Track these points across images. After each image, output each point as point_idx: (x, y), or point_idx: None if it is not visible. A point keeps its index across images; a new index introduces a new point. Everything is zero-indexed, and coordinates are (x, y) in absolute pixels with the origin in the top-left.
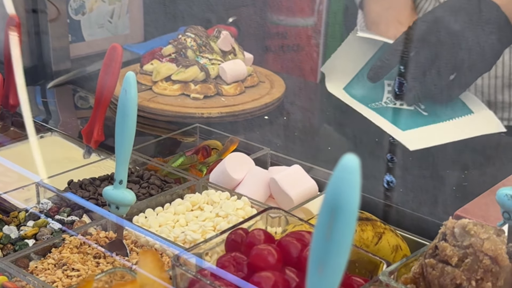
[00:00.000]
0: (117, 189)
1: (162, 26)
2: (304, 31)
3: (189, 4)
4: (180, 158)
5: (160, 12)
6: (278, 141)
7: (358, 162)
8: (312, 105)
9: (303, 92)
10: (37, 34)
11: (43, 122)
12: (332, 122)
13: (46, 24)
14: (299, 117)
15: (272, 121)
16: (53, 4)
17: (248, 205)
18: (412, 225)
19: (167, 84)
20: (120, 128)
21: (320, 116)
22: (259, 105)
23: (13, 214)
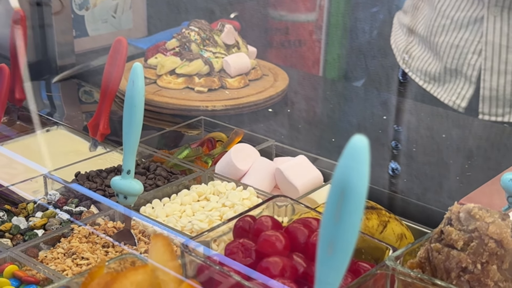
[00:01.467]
0: (125, 179)
1: (166, 18)
2: (306, 26)
3: (191, 5)
4: (186, 150)
5: (163, 4)
6: (283, 132)
7: (367, 142)
8: (316, 97)
9: (307, 84)
10: (41, 28)
11: (48, 115)
12: (336, 113)
13: (50, 18)
14: (303, 109)
15: (276, 114)
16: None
17: (254, 195)
18: (416, 214)
19: (172, 77)
20: (128, 118)
21: (323, 108)
22: (263, 97)
23: (21, 205)
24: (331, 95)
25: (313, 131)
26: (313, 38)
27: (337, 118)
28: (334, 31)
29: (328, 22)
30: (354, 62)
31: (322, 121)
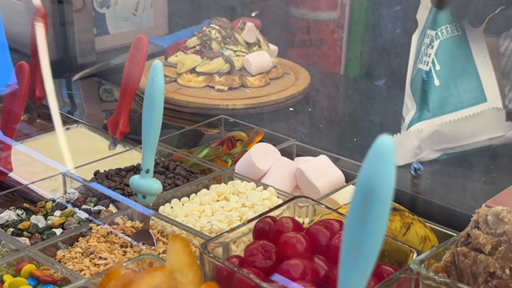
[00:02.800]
0: (144, 178)
1: (187, 15)
2: (327, 25)
3: (213, 3)
4: (205, 149)
5: (184, 1)
6: (304, 132)
7: (393, 143)
8: (337, 96)
9: (328, 83)
10: (62, 26)
11: (68, 114)
12: (358, 111)
13: (71, 16)
14: (324, 108)
15: (298, 113)
16: None
17: (274, 195)
18: (440, 215)
19: (192, 76)
20: (147, 117)
21: (345, 106)
22: (284, 96)
23: (40, 204)
24: (353, 94)
25: (335, 131)
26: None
27: (359, 117)
28: (356, 28)
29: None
30: (377, 59)
31: (344, 120)
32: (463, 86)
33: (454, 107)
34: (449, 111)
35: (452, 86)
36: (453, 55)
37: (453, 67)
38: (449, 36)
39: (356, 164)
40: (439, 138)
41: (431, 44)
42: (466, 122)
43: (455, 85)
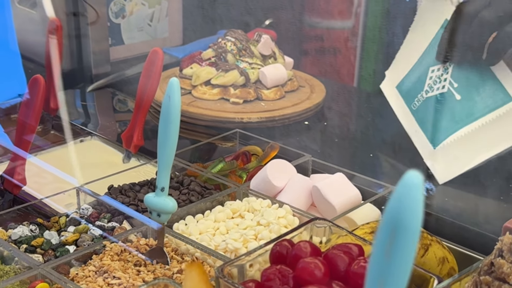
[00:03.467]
0: (158, 196)
1: (200, 30)
2: (342, 34)
3: (227, 8)
4: (220, 163)
5: (198, 15)
6: (319, 147)
7: (421, 179)
8: (353, 110)
9: (344, 97)
10: (77, 38)
11: (82, 125)
12: (372, 127)
13: (86, 28)
14: (340, 123)
15: (313, 127)
16: (93, 7)
17: (290, 213)
18: (456, 235)
19: (207, 88)
20: (163, 134)
21: (361, 121)
22: (299, 110)
23: (53, 219)
24: (369, 109)
25: (350, 145)
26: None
27: (374, 133)
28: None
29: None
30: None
31: (360, 135)
32: (485, 92)
33: (481, 112)
34: (477, 118)
35: (474, 95)
36: (469, 70)
37: (471, 79)
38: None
39: (373, 181)
40: (475, 145)
41: (445, 71)
42: (497, 124)
43: (477, 93)
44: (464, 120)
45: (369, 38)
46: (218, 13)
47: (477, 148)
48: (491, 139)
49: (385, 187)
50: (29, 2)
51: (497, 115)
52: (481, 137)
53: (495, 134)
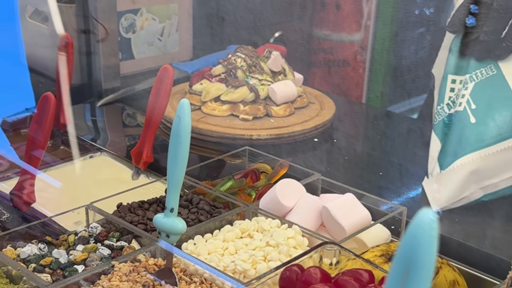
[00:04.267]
0: (168, 217)
1: (209, 49)
2: (351, 46)
3: (236, 27)
4: (229, 181)
5: (207, 34)
6: (328, 164)
7: (435, 217)
8: (362, 128)
9: (353, 114)
10: (88, 54)
11: (92, 141)
12: (383, 145)
13: (96, 44)
14: (349, 140)
15: (322, 144)
16: (102, 25)
17: (299, 234)
18: (466, 257)
19: (216, 104)
20: (173, 155)
21: (370, 140)
22: (309, 127)
23: (62, 237)
24: (377, 126)
25: (360, 164)
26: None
27: (384, 151)
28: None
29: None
30: (398, 100)
31: (369, 153)
32: (502, 118)
33: (493, 140)
34: (489, 145)
35: (489, 121)
36: (490, 93)
37: (490, 103)
38: (484, 78)
39: (382, 201)
40: (482, 173)
41: (464, 86)
42: (508, 153)
43: (493, 119)
44: (473, 145)
45: (376, 60)
46: (226, 32)
47: (483, 175)
48: (498, 168)
49: (394, 207)
50: (41, 17)
51: (509, 146)
52: (489, 165)
53: (503, 164)
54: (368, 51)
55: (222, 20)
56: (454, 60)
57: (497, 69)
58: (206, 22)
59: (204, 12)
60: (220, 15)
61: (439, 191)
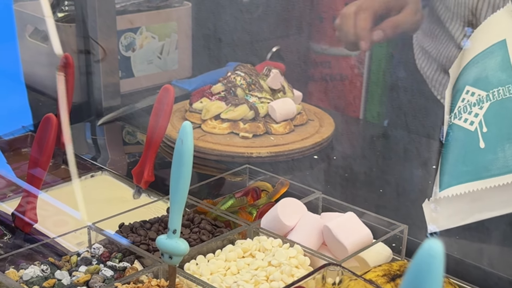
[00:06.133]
0: (170, 238)
1: (207, 70)
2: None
3: (233, 48)
4: (230, 200)
5: (204, 55)
6: (328, 182)
7: (441, 247)
8: (361, 144)
9: (352, 130)
10: (87, 73)
11: (92, 160)
12: (383, 162)
13: (95, 64)
14: (349, 156)
15: (322, 161)
16: (101, 45)
17: (301, 253)
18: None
19: (216, 122)
20: (176, 177)
21: (369, 156)
22: (309, 144)
23: (65, 258)
24: (376, 143)
25: (360, 181)
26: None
27: (385, 168)
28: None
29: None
30: (395, 120)
31: (369, 170)
32: (511, 150)
33: (499, 171)
34: (493, 175)
35: (499, 150)
36: (504, 118)
37: (502, 130)
38: (500, 99)
39: (383, 219)
40: (484, 204)
41: (479, 104)
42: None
43: (502, 149)
44: (479, 173)
45: (373, 82)
46: (223, 53)
47: (484, 206)
48: (501, 202)
49: (395, 225)
50: (40, 36)
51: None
52: (491, 197)
53: (507, 198)
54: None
55: (219, 41)
56: (476, 71)
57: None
58: (203, 43)
59: (201, 33)
60: (217, 36)
61: (437, 211)
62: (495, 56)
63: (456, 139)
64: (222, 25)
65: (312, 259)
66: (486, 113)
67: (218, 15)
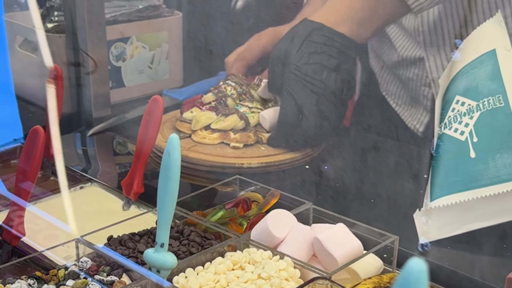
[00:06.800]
0: (158, 252)
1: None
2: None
3: (224, 60)
4: (220, 211)
5: (195, 67)
6: (319, 192)
7: (425, 267)
8: (353, 153)
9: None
10: (78, 84)
11: (82, 171)
12: (374, 172)
13: (85, 76)
14: (341, 167)
15: (313, 171)
16: (91, 57)
17: (291, 265)
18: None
19: (207, 132)
20: (163, 190)
21: (361, 166)
22: (299, 154)
23: (52, 272)
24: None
25: (351, 191)
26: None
27: (376, 179)
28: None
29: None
30: (385, 133)
31: (361, 180)
32: (502, 160)
33: (490, 181)
34: (484, 185)
35: (489, 160)
36: (494, 128)
37: (493, 140)
38: (491, 108)
39: (374, 230)
40: (475, 215)
41: (469, 113)
42: (504, 197)
43: (493, 159)
44: (470, 183)
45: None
46: (215, 65)
47: (475, 216)
48: (492, 212)
49: (386, 236)
50: (30, 46)
51: (507, 190)
52: (482, 208)
53: (498, 208)
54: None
55: (210, 53)
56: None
57: (505, 102)
58: (194, 54)
59: (192, 45)
60: (208, 48)
61: (428, 224)
62: (485, 66)
63: (447, 149)
64: (213, 37)
65: (302, 271)
66: (477, 123)
67: (209, 27)
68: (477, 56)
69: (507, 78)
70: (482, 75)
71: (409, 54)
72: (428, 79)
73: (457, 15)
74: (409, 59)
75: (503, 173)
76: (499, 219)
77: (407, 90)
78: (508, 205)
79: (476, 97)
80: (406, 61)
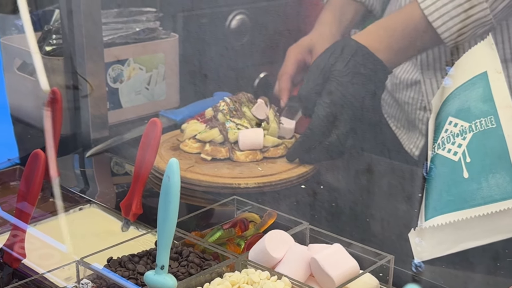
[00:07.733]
0: (158, 274)
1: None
2: None
3: (218, 85)
4: (218, 232)
5: (190, 91)
6: (315, 212)
7: None
8: (349, 172)
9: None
10: (77, 108)
11: (81, 192)
12: (371, 191)
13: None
14: (336, 186)
15: (309, 191)
16: (87, 81)
17: (289, 286)
18: None
19: (191, 141)
20: (163, 213)
21: (357, 185)
22: (296, 174)
23: None
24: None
25: (347, 210)
26: None
27: (372, 197)
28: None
29: None
30: (378, 155)
31: (357, 199)
32: (495, 180)
33: (483, 201)
34: (477, 205)
35: (482, 180)
36: (486, 149)
37: (486, 160)
38: (483, 129)
39: (370, 250)
40: (468, 234)
41: (462, 134)
42: (497, 217)
43: (486, 179)
44: (463, 203)
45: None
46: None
47: (468, 235)
48: (485, 231)
49: (382, 255)
50: (28, 69)
51: (500, 209)
52: (475, 227)
53: (491, 227)
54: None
55: (205, 77)
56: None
57: (497, 123)
58: (189, 78)
59: (187, 69)
60: (202, 72)
61: (422, 245)
62: (476, 87)
63: (440, 169)
64: (207, 62)
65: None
66: (469, 144)
67: (203, 52)
68: (469, 78)
69: (498, 100)
70: (474, 96)
71: (407, 77)
72: (423, 103)
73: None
74: (406, 81)
75: (495, 193)
76: (492, 238)
77: (405, 113)
78: (501, 224)
79: (468, 119)
80: (403, 83)
